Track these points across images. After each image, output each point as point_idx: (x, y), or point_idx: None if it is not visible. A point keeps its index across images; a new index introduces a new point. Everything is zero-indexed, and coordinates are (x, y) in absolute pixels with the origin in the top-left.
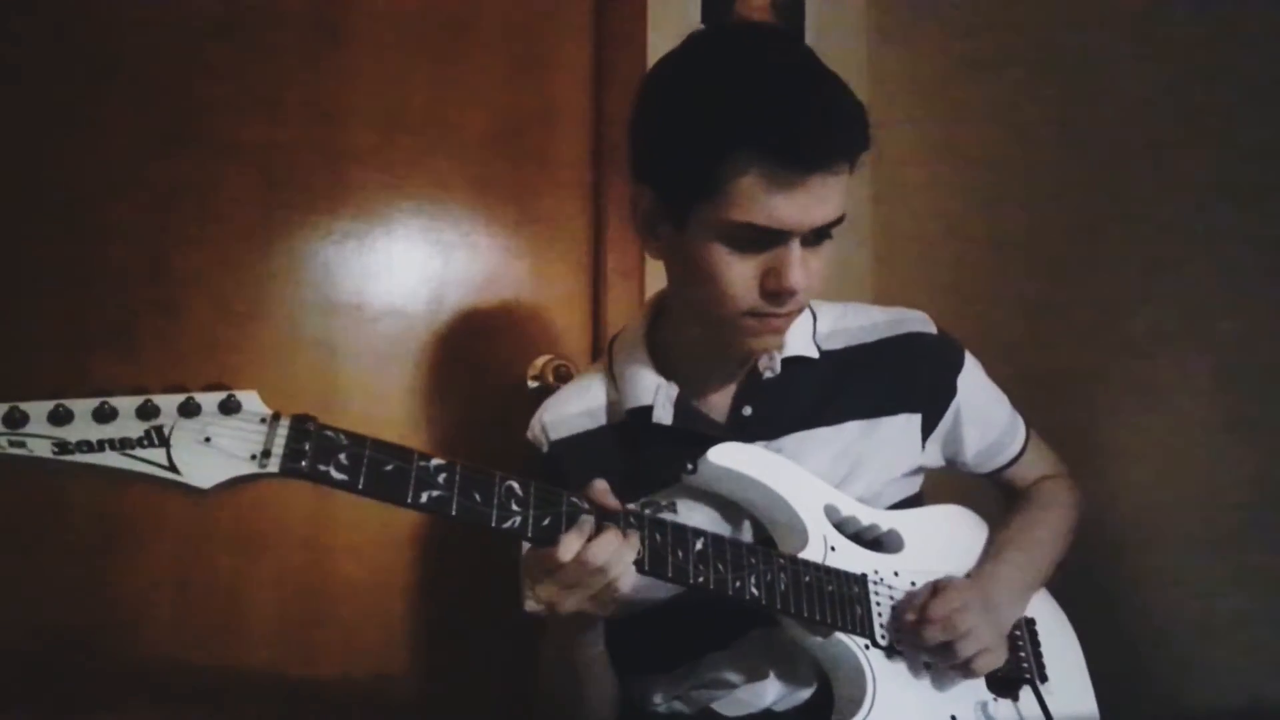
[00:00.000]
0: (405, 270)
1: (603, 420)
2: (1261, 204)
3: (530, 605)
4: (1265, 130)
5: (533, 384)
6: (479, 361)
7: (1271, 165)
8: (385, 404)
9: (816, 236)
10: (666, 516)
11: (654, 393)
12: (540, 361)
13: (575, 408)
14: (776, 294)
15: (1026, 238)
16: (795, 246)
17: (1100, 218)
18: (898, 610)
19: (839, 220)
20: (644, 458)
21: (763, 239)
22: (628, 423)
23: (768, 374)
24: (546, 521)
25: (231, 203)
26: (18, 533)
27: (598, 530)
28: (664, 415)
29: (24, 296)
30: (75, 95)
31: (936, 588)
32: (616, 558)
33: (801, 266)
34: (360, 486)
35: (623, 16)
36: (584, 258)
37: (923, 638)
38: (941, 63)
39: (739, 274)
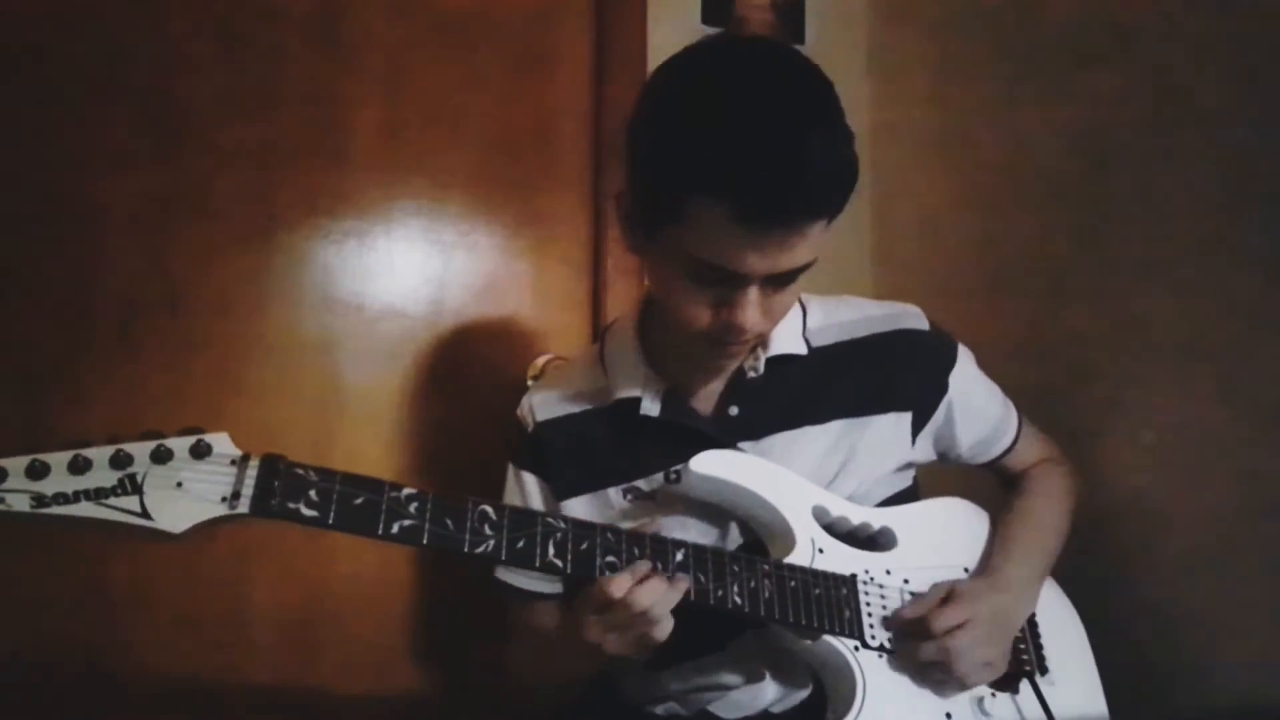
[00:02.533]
0: (405, 270)
1: (590, 405)
2: (1262, 203)
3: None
4: (1265, 131)
5: (532, 384)
6: (479, 361)
7: (1272, 166)
8: (385, 404)
9: (780, 280)
10: (647, 524)
11: (643, 385)
12: (540, 361)
13: (564, 390)
14: (728, 329)
15: (1026, 237)
16: (752, 290)
17: (1100, 218)
18: (899, 612)
19: (806, 266)
20: (630, 446)
21: (720, 278)
22: (615, 410)
23: (751, 374)
24: (521, 544)
25: (231, 202)
26: (17, 534)
27: (646, 575)
28: (651, 408)
29: (24, 296)
30: (75, 95)
31: (949, 595)
32: (661, 602)
33: (757, 308)
34: (331, 522)
35: (623, 16)
36: (584, 258)
37: (917, 651)
38: (941, 63)
39: (694, 303)
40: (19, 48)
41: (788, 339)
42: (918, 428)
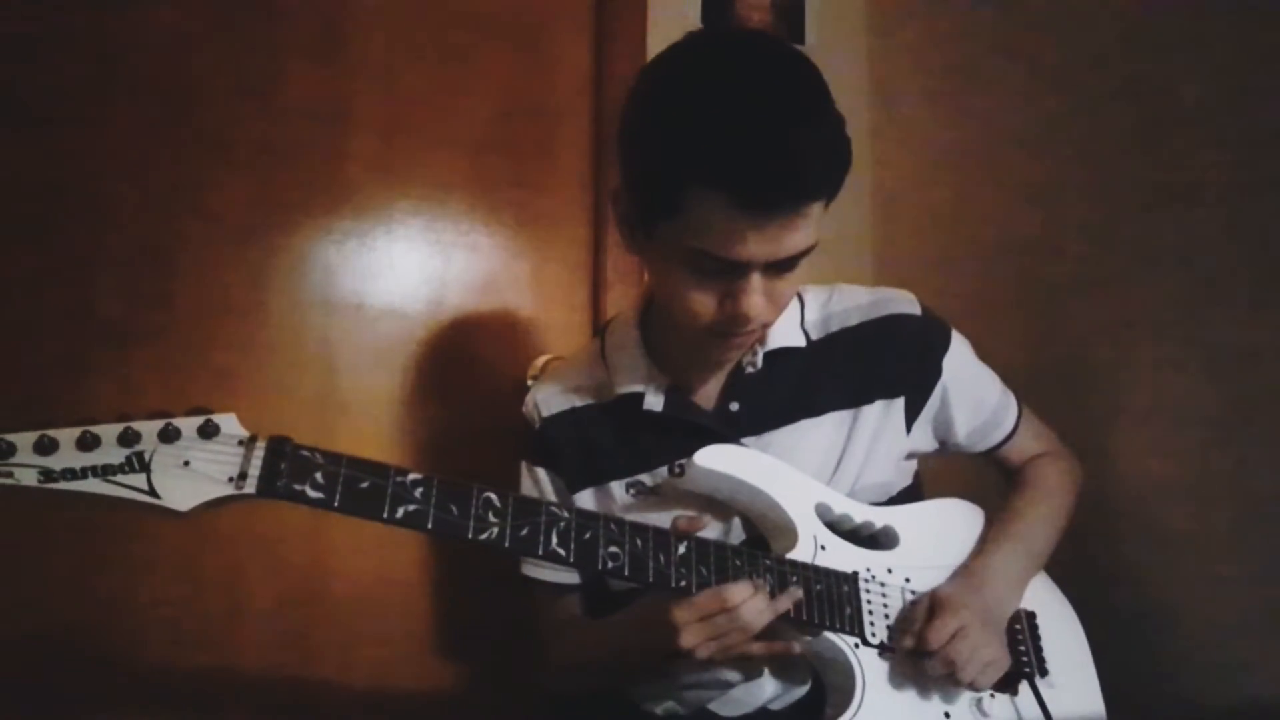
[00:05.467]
0: (405, 270)
1: (593, 400)
2: (1263, 203)
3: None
4: (1265, 127)
5: (532, 384)
6: (479, 361)
7: (1272, 162)
8: (385, 404)
9: (781, 265)
10: (646, 518)
11: (645, 381)
12: (540, 361)
13: (567, 384)
14: (733, 319)
15: (1026, 236)
16: (755, 277)
17: (1099, 216)
18: (895, 630)
19: (807, 250)
20: (633, 441)
21: (722, 268)
22: (618, 405)
23: (750, 369)
24: (524, 532)
25: (231, 202)
26: (17, 531)
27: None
28: (654, 404)
29: (24, 295)
30: (76, 95)
31: (933, 606)
32: (758, 618)
33: (761, 295)
34: (336, 504)
35: (623, 16)
36: (584, 258)
37: (923, 669)
38: (941, 63)
39: (698, 295)
40: (19, 47)
41: (786, 332)
42: (913, 414)
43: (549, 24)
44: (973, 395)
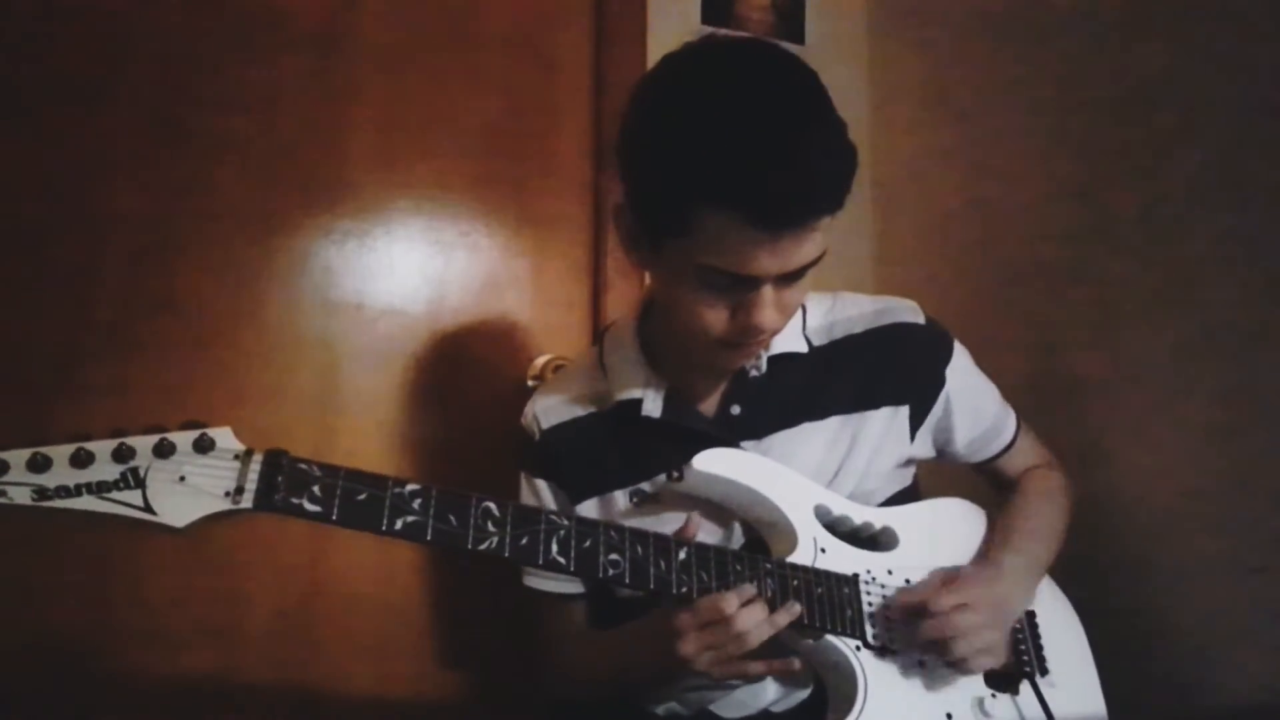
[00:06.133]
0: (405, 270)
1: (593, 408)
2: (1265, 206)
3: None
4: (1261, 131)
5: (532, 384)
6: (479, 361)
7: (1267, 166)
8: (385, 404)
9: (792, 276)
10: (648, 525)
11: (643, 387)
12: (540, 361)
13: (566, 395)
14: (745, 330)
15: (1027, 238)
16: (766, 289)
17: (1101, 218)
18: (900, 595)
19: (817, 259)
20: (633, 448)
21: (733, 283)
22: (617, 412)
23: (754, 373)
24: (524, 541)
25: (231, 202)
26: (17, 531)
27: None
28: (653, 410)
29: (23, 295)
30: (76, 94)
31: (948, 578)
32: (757, 631)
33: (773, 306)
34: (334, 517)
35: (623, 17)
36: (584, 258)
37: (917, 631)
38: (941, 63)
39: (709, 310)
40: (19, 47)
41: (789, 337)
42: (916, 422)
43: (549, 24)
44: (973, 405)
